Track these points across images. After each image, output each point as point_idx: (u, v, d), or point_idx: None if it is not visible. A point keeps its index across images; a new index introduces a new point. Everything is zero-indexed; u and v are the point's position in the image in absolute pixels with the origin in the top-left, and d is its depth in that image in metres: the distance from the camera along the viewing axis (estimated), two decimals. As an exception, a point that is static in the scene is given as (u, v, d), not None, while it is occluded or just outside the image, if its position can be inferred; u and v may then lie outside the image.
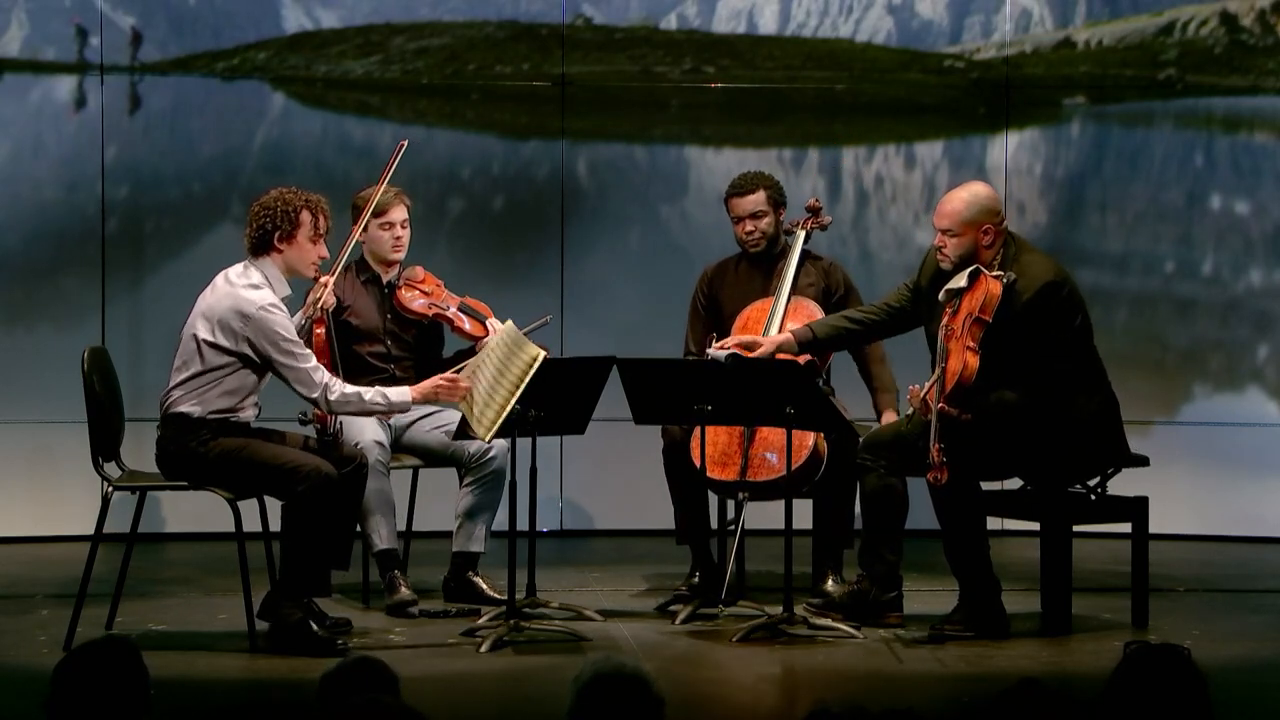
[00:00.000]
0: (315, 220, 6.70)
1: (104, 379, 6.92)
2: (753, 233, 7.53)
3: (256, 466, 6.60)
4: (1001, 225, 6.84)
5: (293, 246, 6.68)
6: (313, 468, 6.54)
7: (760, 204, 7.51)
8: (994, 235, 6.79)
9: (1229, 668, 6.35)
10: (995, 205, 6.86)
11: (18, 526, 8.77)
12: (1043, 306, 6.70)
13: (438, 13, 9.35)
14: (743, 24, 9.40)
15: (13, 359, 8.89)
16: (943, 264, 6.83)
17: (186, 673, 6.30)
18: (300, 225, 6.67)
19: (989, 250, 6.78)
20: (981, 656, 6.54)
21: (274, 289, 6.65)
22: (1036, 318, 6.69)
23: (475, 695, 6.16)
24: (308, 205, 6.70)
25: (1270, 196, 9.29)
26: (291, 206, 6.68)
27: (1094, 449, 6.87)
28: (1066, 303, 6.76)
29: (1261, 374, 9.30)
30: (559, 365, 6.84)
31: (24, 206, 8.99)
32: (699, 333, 7.64)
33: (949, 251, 6.80)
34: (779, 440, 6.98)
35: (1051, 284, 6.73)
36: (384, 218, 7.44)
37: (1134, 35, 9.44)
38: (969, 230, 6.77)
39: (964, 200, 6.82)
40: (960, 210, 6.79)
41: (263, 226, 6.67)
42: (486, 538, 7.38)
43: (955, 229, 6.78)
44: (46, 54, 9.05)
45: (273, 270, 6.68)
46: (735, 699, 6.25)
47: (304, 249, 6.70)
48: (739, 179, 7.58)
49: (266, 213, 6.69)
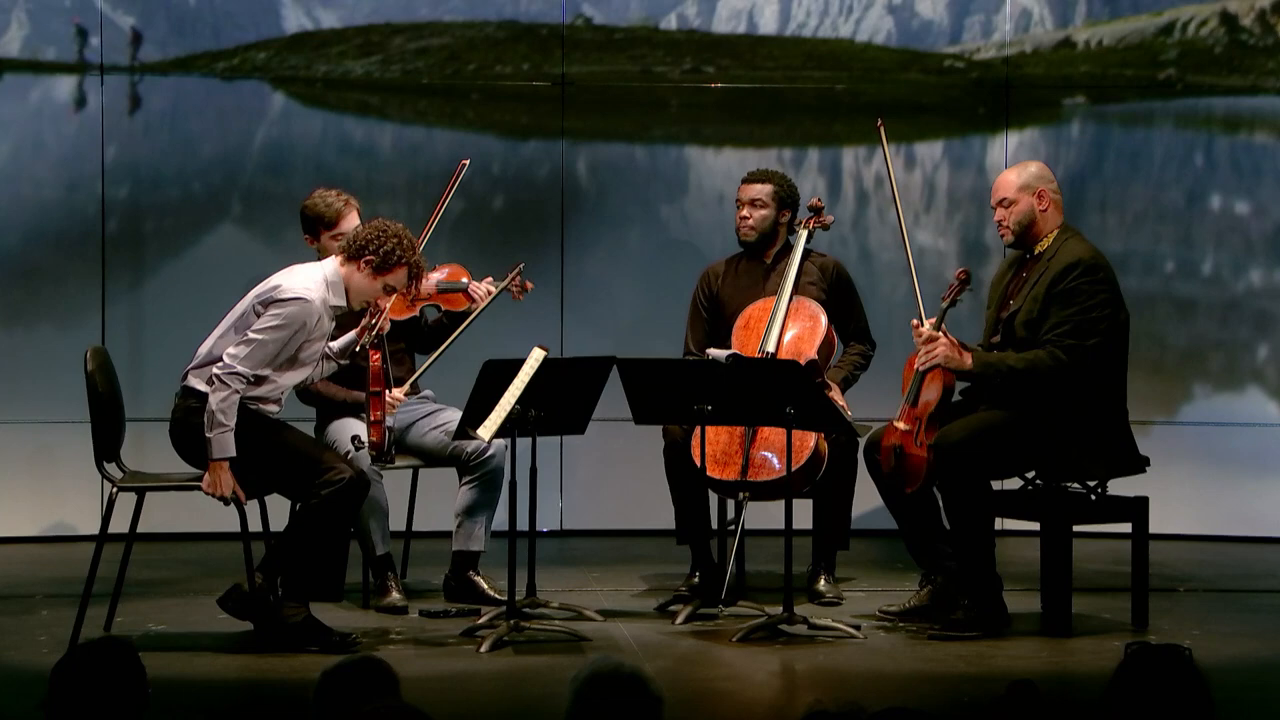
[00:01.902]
0: (407, 281, 6.64)
1: (106, 379, 6.92)
2: (746, 219, 7.55)
3: (285, 452, 6.58)
4: (1057, 193, 7.03)
5: (370, 280, 6.62)
6: (343, 467, 6.54)
7: (763, 194, 7.52)
8: (1049, 202, 6.98)
9: (1229, 668, 6.35)
10: (1047, 174, 7.08)
11: (18, 526, 8.77)
12: (1067, 278, 6.82)
13: (438, 13, 9.36)
14: (743, 24, 9.40)
15: (13, 359, 8.90)
16: (1004, 239, 7.03)
17: (186, 673, 6.30)
18: (392, 274, 6.62)
19: (1045, 216, 6.96)
20: (981, 656, 6.54)
21: (331, 293, 6.63)
22: (1062, 292, 6.79)
23: (475, 695, 6.16)
24: (410, 265, 6.62)
25: (1270, 196, 9.29)
26: (403, 253, 6.58)
27: (1102, 448, 6.88)
28: (1094, 282, 6.82)
29: (1261, 374, 9.30)
30: (559, 365, 6.85)
31: (24, 206, 8.99)
32: (699, 332, 7.65)
33: (1009, 222, 6.97)
34: (780, 440, 6.98)
35: (1081, 261, 6.84)
36: (336, 229, 7.24)
37: (1134, 35, 9.44)
38: (1024, 195, 6.97)
39: (1015, 172, 7.07)
40: (1012, 180, 7.02)
41: (370, 245, 6.59)
42: (487, 536, 7.38)
43: (1010, 196, 6.98)
44: (46, 54, 9.05)
45: (340, 279, 6.64)
46: (735, 699, 6.25)
47: (373, 288, 6.63)
48: (757, 169, 7.71)
49: (384, 238, 6.59)
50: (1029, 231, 6.95)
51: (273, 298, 6.58)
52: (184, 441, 6.66)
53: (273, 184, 9.16)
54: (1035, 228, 6.94)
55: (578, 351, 8.42)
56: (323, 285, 6.62)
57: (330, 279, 6.65)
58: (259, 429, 6.59)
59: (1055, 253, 6.89)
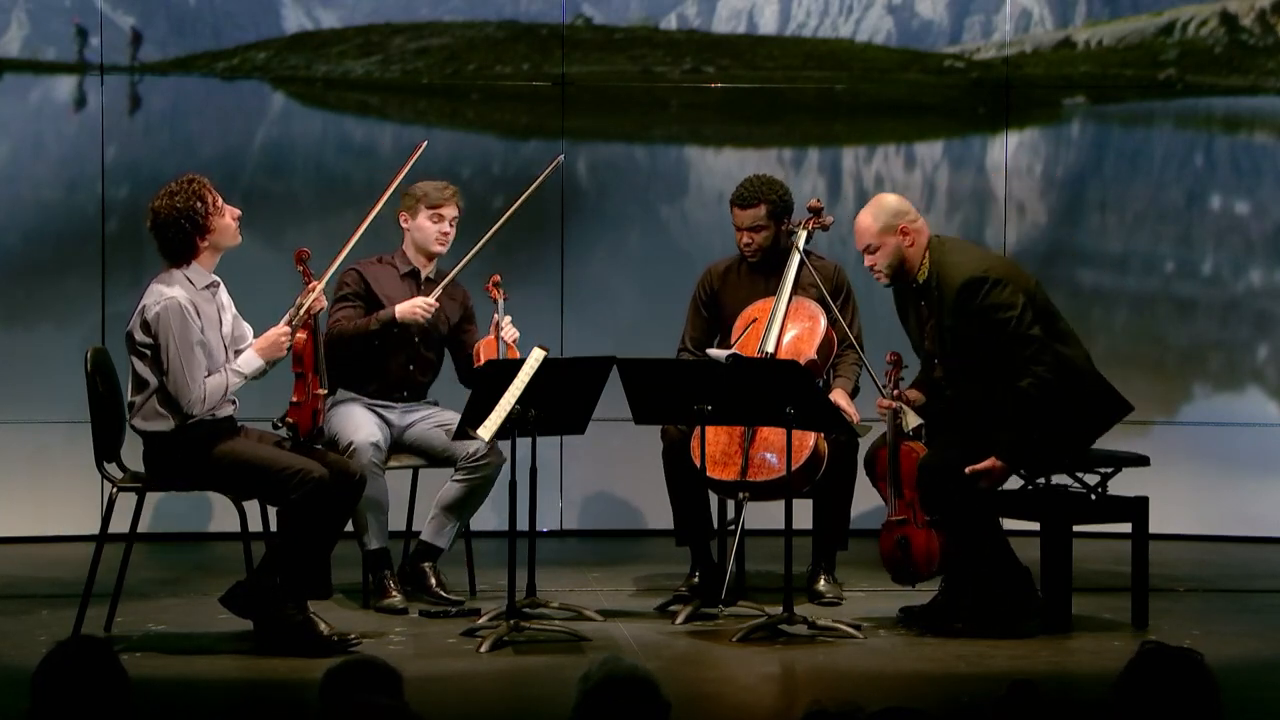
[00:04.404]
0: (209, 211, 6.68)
1: (106, 379, 6.92)
2: (750, 244, 7.55)
3: (248, 464, 6.60)
4: (915, 219, 6.95)
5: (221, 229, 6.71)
6: (304, 473, 6.53)
7: (759, 219, 7.51)
8: (912, 234, 6.91)
9: (1229, 668, 6.34)
10: (902, 207, 6.98)
11: (18, 526, 8.76)
12: (965, 306, 6.79)
13: (438, 13, 9.35)
14: (743, 24, 9.40)
15: (13, 359, 8.89)
16: (880, 281, 6.99)
17: (186, 673, 6.30)
18: (212, 224, 6.67)
19: (913, 250, 6.90)
20: (981, 656, 6.54)
21: (191, 280, 6.68)
22: (970, 319, 6.78)
23: (475, 695, 6.16)
24: (208, 203, 6.68)
25: (1270, 196, 9.29)
26: (199, 201, 6.66)
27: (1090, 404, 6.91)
28: (992, 298, 6.78)
29: (1261, 374, 9.30)
30: (559, 365, 6.85)
31: (24, 206, 8.99)
32: (697, 329, 7.65)
33: (879, 266, 6.94)
34: (779, 440, 6.98)
35: (968, 284, 6.78)
36: (438, 210, 7.48)
37: (1134, 35, 9.44)
38: (886, 237, 6.90)
39: (869, 215, 6.97)
40: (870, 225, 6.94)
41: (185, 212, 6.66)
42: (453, 538, 7.39)
43: (874, 242, 6.92)
44: (46, 54, 9.05)
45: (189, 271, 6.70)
46: (735, 699, 6.25)
47: (228, 228, 6.71)
48: (744, 187, 7.58)
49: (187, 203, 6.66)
50: (902, 269, 6.93)
51: (145, 320, 6.58)
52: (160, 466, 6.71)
53: (273, 184, 9.15)
54: (907, 264, 6.93)
55: (578, 351, 8.42)
56: (176, 280, 6.62)
57: (179, 274, 6.65)
58: (219, 445, 6.62)
59: (937, 278, 6.86)
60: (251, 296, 7.09)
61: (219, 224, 6.64)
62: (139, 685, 3.77)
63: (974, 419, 6.83)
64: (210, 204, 6.62)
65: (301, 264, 6.84)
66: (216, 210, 6.64)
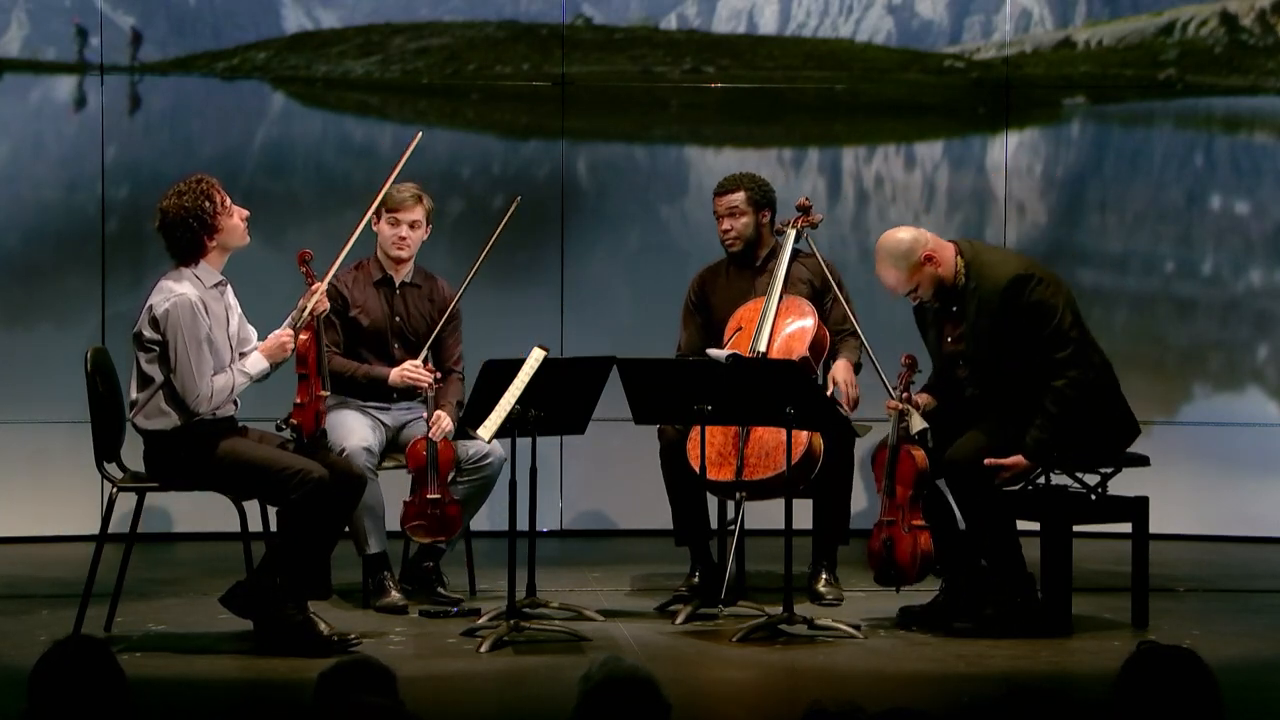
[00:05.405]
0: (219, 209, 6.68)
1: (106, 379, 6.92)
2: (728, 231, 7.55)
3: (246, 465, 6.60)
4: (930, 244, 6.88)
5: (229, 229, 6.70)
6: (304, 473, 6.53)
7: (737, 203, 7.52)
8: (939, 256, 6.86)
9: (1229, 668, 6.33)
10: (911, 243, 6.87)
11: (18, 526, 8.77)
12: (1012, 302, 6.78)
13: (438, 13, 9.35)
14: (743, 24, 9.40)
15: (13, 359, 8.89)
16: (930, 302, 6.94)
17: (186, 673, 6.29)
18: (220, 222, 6.66)
19: (945, 268, 6.85)
20: (981, 656, 6.54)
21: (201, 278, 6.67)
22: (1013, 315, 6.76)
23: (475, 695, 6.16)
24: (216, 203, 6.67)
25: (1270, 196, 9.29)
26: (207, 202, 6.65)
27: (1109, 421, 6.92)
28: (1037, 295, 6.78)
29: (1261, 374, 9.30)
30: (559, 365, 6.84)
31: (24, 206, 8.99)
32: (692, 335, 7.65)
33: (922, 293, 6.90)
34: (772, 439, 6.98)
35: (1016, 280, 6.78)
36: (395, 213, 7.44)
37: (1134, 35, 9.44)
38: (918, 272, 6.84)
39: (890, 269, 6.87)
40: (898, 277, 6.86)
41: (193, 212, 6.66)
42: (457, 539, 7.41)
43: (906, 285, 6.86)
44: (46, 54, 9.05)
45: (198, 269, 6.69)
46: (735, 699, 6.25)
47: (236, 229, 6.70)
48: (725, 178, 7.61)
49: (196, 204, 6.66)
50: (944, 286, 6.91)
51: (154, 317, 6.58)
52: (161, 465, 6.70)
53: (273, 184, 9.15)
54: (945, 282, 6.90)
55: (578, 351, 8.42)
56: (185, 277, 6.62)
57: (189, 272, 6.64)
58: (219, 445, 6.62)
59: (976, 281, 6.83)
60: (251, 296, 7.08)
61: (227, 224, 6.64)
62: (139, 685, 3.77)
63: (999, 417, 6.82)
64: (219, 204, 6.63)
65: (304, 265, 6.84)
66: (225, 210, 6.64)
